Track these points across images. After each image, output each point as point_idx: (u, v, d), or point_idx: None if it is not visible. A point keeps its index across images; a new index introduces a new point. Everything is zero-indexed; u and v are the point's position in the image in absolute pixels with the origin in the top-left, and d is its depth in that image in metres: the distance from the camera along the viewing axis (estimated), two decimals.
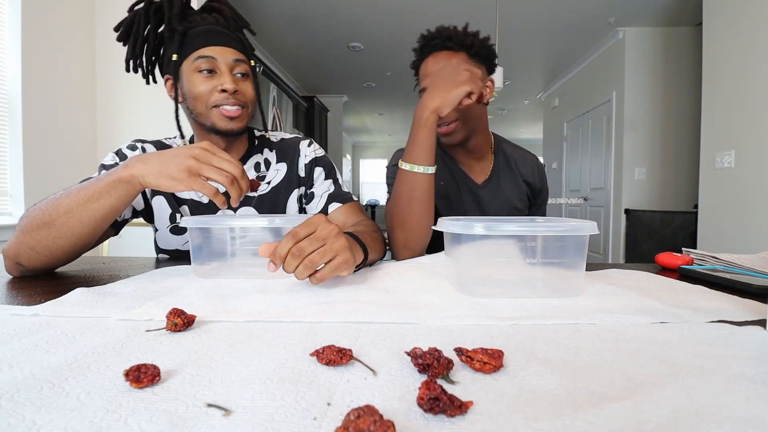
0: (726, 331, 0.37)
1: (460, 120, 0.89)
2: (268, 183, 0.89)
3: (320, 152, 0.94)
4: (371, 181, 11.25)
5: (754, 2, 2.34)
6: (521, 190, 1.02)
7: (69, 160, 2.19)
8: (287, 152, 0.92)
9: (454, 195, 0.98)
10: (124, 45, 0.82)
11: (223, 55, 0.78)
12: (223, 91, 0.76)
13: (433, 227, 0.57)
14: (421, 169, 0.76)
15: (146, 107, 2.35)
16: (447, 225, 0.52)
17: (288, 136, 0.97)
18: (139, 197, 0.83)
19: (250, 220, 0.62)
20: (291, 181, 0.91)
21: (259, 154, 0.91)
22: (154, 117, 2.35)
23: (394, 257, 0.82)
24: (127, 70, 0.83)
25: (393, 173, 0.96)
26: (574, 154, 5.12)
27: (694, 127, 3.67)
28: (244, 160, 0.89)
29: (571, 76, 5.14)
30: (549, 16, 3.71)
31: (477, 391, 0.26)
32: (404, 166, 0.77)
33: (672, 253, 0.76)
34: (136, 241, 2.39)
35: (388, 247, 0.83)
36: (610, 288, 0.54)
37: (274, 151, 0.92)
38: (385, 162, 11.16)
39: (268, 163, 0.91)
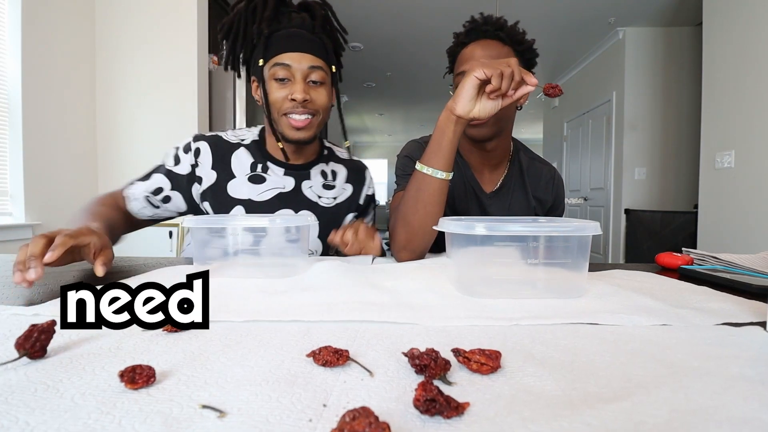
0: (725, 332, 0.37)
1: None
2: (335, 198, 0.93)
3: (374, 185, 1.03)
4: None
5: (754, 2, 2.34)
6: (530, 205, 0.98)
7: (69, 160, 2.19)
8: (356, 176, 0.98)
9: (461, 200, 0.95)
10: (224, 42, 0.86)
11: (300, 62, 0.78)
12: (293, 99, 0.78)
13: (435, 227, 0.57)
14: (429, 171, 0.72)
15: (147, 107, 2.35)
16: (448, 225, 0.52)
17: (354, 157, 1.02)
18: (181, 204, 0.89)
19: (251, 220, 0.62)
20: (351, 204, 0.96)
21: (325, 164, 0.95)
22: (155, 117, 2.35)
23: (394, 257, 0.81)
24: (225, 69, 0.88)
25: (402, 164, 0.95)
26: (574, 154, 5.11)
27: (694, 127, 3.67)
28: (311, 165, 0.92)
29: (571, 76, 5.14)
30: (549, 16, 3.71)
31: (474, 392, 0.25)
32: (417, 164, 0.75)
33: (672, 253, 0.76)
34: (137, 241, 2.38)
35: (388, 247, 0.82)
36: (613, 289, 0.53)
37: (344, 167, 0.97)
38: (384, 162, 11.16)
39: (335, 174, 0.95)
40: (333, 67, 0.83)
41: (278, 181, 0.89)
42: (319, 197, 0.91)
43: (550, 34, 4.10)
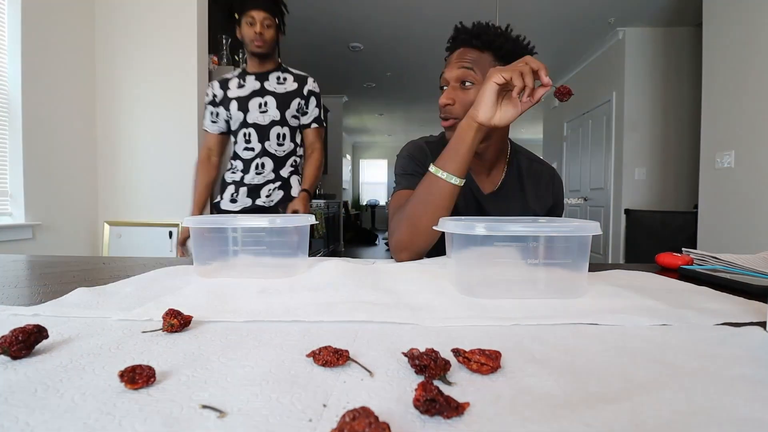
0: (725, 332, 0.37)
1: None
2: (285, 89, 1.57)
3: (314, 86, 1.67)
4: (371, 181, 11.25)
5: (754, 2, 2.34)
6: (529, 206, 0.98)
7: (69, 160, 2.19)
8: (300, 79, 1.61)
9: (459, 201, 0.94)
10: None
11: (259, 15, 1.47)
12: (258, 33, 1.47)
13: (435, 227, 0.57)
14: (444, 175, 0.73)
15: (146, 107, 2.35)
16: (448, 225, 0.52)
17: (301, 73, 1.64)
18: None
19: (251, 220, 0.62)
20: (297, 93, 1.58)
21: (280, 72, 1.59)
22: (154, 116, 2.35)
23: (393, 257, 0.81)
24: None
25: (402, 164, 0.96)
26: (574, 154, 5.11)
27: (694, 127, 3.67)
28: (269, 72, 1.57)
29: (571, 76, 5.13)
30: (549, 16, 3.71)
31: (474, 392, 0.25)
32: (431, 167, 0.75)
33: (672, 253, 0.76)
34: (137, 241, 2.39)
35: (387, 248, 0.82)
36: (614, 289, 0.53)
37: (291, 75, 1.60)
38: (384, 162, 11.16)
39: (285, 78, 1.58)
40: (276, 19, 1.52)
41: (252, 83, 1.56)
42: (276, 88, 1.56)
43: (550, 34, 4.10)
